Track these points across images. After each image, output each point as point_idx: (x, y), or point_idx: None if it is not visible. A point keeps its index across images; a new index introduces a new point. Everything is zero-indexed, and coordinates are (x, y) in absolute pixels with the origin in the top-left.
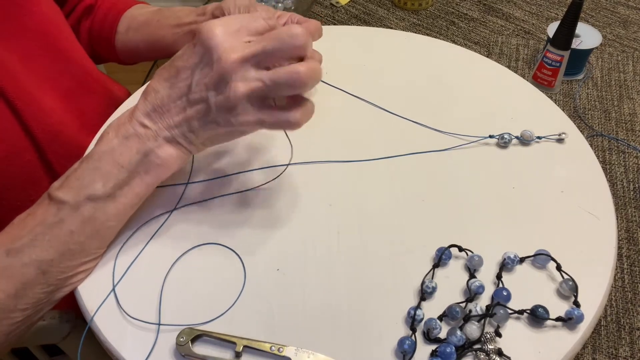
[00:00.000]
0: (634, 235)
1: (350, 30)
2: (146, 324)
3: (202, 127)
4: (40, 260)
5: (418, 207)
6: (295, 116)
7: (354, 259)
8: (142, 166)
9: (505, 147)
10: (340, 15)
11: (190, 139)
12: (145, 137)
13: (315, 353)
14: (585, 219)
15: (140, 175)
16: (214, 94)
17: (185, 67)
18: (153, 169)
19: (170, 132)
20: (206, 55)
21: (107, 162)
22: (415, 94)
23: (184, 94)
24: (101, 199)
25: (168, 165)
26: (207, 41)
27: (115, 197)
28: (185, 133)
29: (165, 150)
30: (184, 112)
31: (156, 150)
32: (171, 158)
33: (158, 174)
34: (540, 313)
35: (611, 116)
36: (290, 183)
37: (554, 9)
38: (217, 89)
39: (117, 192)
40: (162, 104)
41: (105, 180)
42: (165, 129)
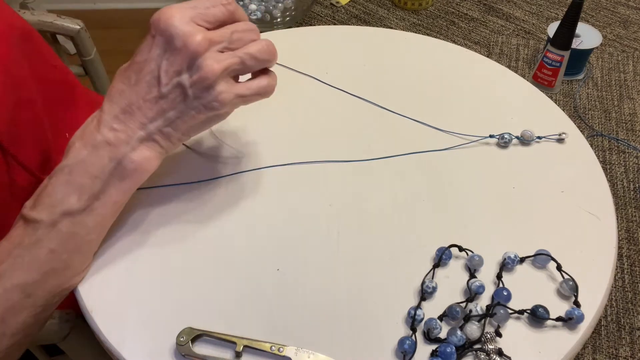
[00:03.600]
0: (634, 235)
1: (350, 30)
2: (146, 324)
3: (179, 117)
4: (23, 283)
5: (418, 207)
6: (269, 81)
7: (354, 259)
8: (116, 174)
9: (505, 147)
10: (340, 15)
11: (168, 133)
12: (116, 143)
13: (315, 353)
14: (585, 219)
15: (115, 183)
16: (187, 76)
17: (148, 60)
18: (128, 175)
19: (144, 131)
20: (169, 44)
21: (79, 174)
22: (415, 94)
23: (153, 87)
24: (78, 213)
25: (144, 168)
26: (167, 29)
27: (92, 209)
28: (161, 128)
29: (139, 153)
30: (157, 105)
31: (130, 155)
32: (146, 160)
33: (134, 179)
34: (541, 313)
35: (611, 116)
36: (290, 183)
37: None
38: (190, 70)
39: (94, 203)
40: (131, 103)
41: (80, 193)
42: (139, 128)
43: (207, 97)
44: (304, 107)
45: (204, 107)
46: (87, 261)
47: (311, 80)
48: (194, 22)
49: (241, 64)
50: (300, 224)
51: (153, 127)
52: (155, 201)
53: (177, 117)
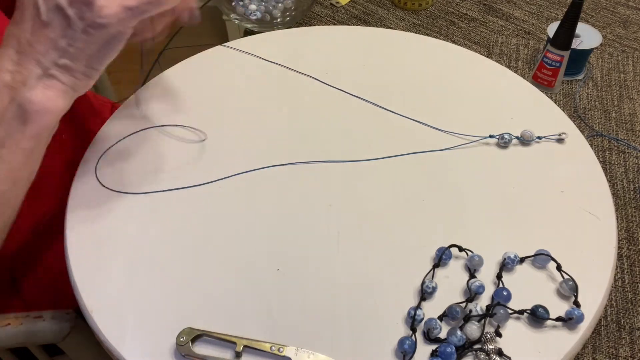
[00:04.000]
0: (634, 235)
1: (350, 30)
2: (146, 324)
3: (71, 44)
4: None
5: (418, 207)
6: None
7: (354, 259)
8: (18, 117)
9: (505, 147)
10: (340, 15)
11: (66, 66)
12: (13, 84)
13: (315, 353)
14: (585, 219)
15: (19, 127)
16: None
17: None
18: (31, 117)
19: (40, 68)
20: None
21: None
22: (415, 94)
23: (36, 17)
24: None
25: (47, 109)
26: None
27: (2, 157)
28: (56, 61)
29: (39, 92)
30: (43, 36)
31: (29, 95)
32: (49, 101)
33: (39, 121)
34: (541, 313)
35: (611, 116)
36: (290, 183)
37: (554, 9)
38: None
39: (1, 151)
40: (21, 42)
41: None
42: (34, 66)
43: (89, 14)
44: (304, 107)
45: (90, 27)
46: (5, 219)
47: (311, 80)
48: None
49: None
50: (300, 224)
51: (48, 62)
52: (155, 202)
53: (69, 45)
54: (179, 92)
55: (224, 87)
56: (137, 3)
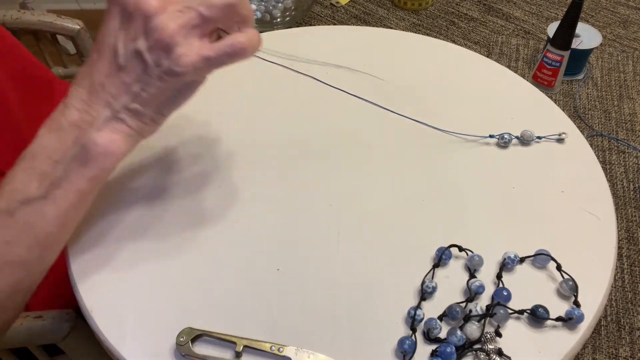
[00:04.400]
0: (634, 235)
1: (350, 30)
2: (146, 324)
3: (144, 89)
4: None
5: (418, 207)
6: (239, 39)
7: (354, 259)
8: (79, 158)
9: (505, 147)
10: (340, 15)
11: (136, 110)
12: (81, 125)
13: (315, 353)
14: (585, 219)
15: (78, 169)
16: (143, 40)
17: (106, 34)
18: (92, 159)
19: (110, 110)
20: (124, 12)
21: (41, 160)
22: (415, 94)
23: (112, 60)
24: (38, 201)
25: (111, 152)
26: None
27: (53, 197)
28: (127, 105)
29: (105, 135)
30: (118, 79)
31: (95, 137)
32: (113, 143)
33: (100, 164)
34: (541, 313)
35: (611, 116)
36: (290, 183)
37: (554, 9)
38: (146, 34)
39: (55, 191)
40: (94, 82)
41: (41, 179)
42: (104, 107)
43: (167, 61)
44: (304, 108)
45: (165, 74)
46: (48, 259)
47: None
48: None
49: (200, 18)
50: (300, 224)
51: (118, 105)
52: (155, 201)
53: (142, 90)
54: None
55: (223, 86)
56: (215, 54)
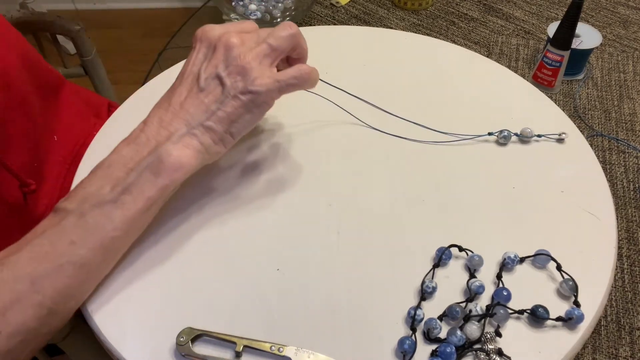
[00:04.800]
0: (634, 235)
1: (350, 30)
2: (146, 324)
3: (220, 108)
4: (34, 274)
5: (418, 207)
6: (304, 67)
7: (354, 259)
8: (152, 167)
9: (504, 145)
10: (340, 15)
11: (209, 127)
12: (159, 139)
13: (315, 353)
14: (585, 219)
15: (150, 177)
16: (224, 67)
17: (190, 65)
18: (165, 170)
19: (187, 127)
20: (209, 47)
21: (117, 168)
22: (415, 94)
23: (194, 84)
24: (108, 205)
25: (182, 165)
26: (208, 36)
27: (123, 202)
28: (204, 123)
29: (179, 149)
30: (197, 99)
31: (170, 149)
32: (186, 157)
33: (172, 175)
34: (541, 313)
35: (611, 116)
36: (290, 183)
37: (554, 9)
38: (226, 61)
39: (126, 197)
40: (174, 103)
41: (114, 185)
42: (182, 124)
43: (243, 82)
44: (303, 108)
45: (241, 94)
46: (106, 265)
47: None
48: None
49: (269, 47)
50: (300, 224)
51: (195, 122)
52: None
53: (218, 109)
54: None
55: None
56: (286, 78)
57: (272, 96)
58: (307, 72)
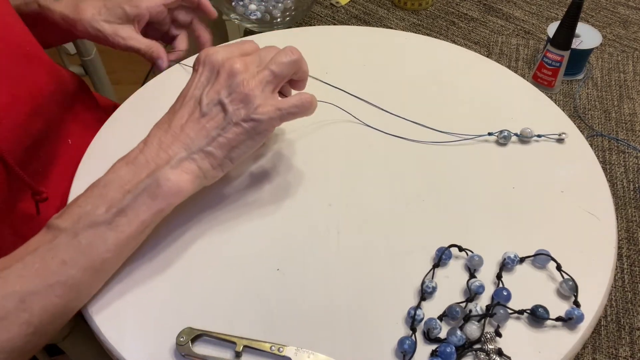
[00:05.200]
0: (634, 235)
1: (350, 30)
2: (146, 324)
3: (220, 134)
4: (22, 292)
5: (418, 207)
6: (305, 95)
7: (354, 259)
8: (149, 190)
9: (504, 145)
10: (340, 15)
11: (209, 152)
12: (157, 161)
13: (315, 353)
14: (585, 219)
15: (146, 200)
16: (227, 93)
17: (192, 88)
18: (162, 194)
19: (186, 152)
20: (212, 71)
21: (113, 188)
22: (415, 94)
23: (195, 108)
24: (102, 226)
25: (180, 190)
26: (209, 58)
27: (117, 225)
28: (204, 148)
29: (178, 174)
30: (199, 124)
31: (168, 173)
32: (183, 182)
33: (168, 200)
34: (541, 313)
35: (611, 116)
36: (290, 183)
37: (554, 9)
38: (229, 88)
39: (121, 219)
40: (174, 126)
41: (109, 206)
42: (181, 148)
43: (246, 110)
44: None
45: (243, 121)
46: (95, 286)
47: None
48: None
49: (272, 74)
50: (300, 224)
51: (195, 147)
52: None
53: (219, 135)
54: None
55: None
56: (287, 107)
57: (273, 124)
58: (308, 101)
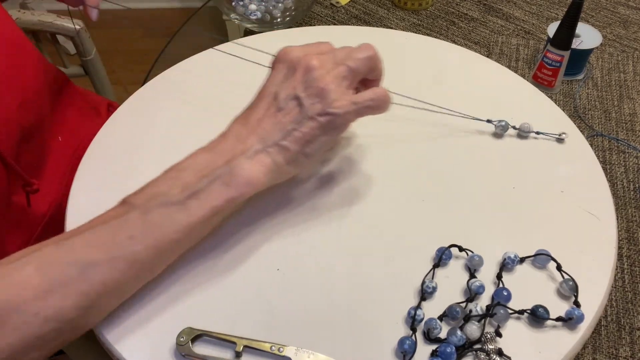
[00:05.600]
0: (634, 235)
1: (350, 30)
2: (146, 324)
3: (296, 128)
4: (87, 263)
5: (418, 207)
6: (379, 90)
7: (354, 258)
8: (224, 177)
9: (501, 137)
10: (340, 15)
11: (284, 147)
12: (234, 150)
13: (315, 353)
14: (585, 219)
15: (219, 187)
16: (303, 88)
17: (270, 85)
18: (236, 182)
19: (262, 144)
20: (289, 68)
21: (189, 172)
22: (415, 93)
23: (272, 103)
24: (174, 206)
25: (253, 180)
26: (288, 57)
27: (188, 207)
28: (279, 141)
29: (252, 164)
30: (275, 118)
31: (243, 163)
32: (257, 173)
33: (241, 189)
34: (541, 313)
35: (611, 116)
36: (290, 182)
37: (554, 9)
38: (305, 84)
39: (193, 202)
40: (251, 120)
41: (183, 188)
42: (257, 142)
43: (322, 104)
44: None
45: (318, 115)
46: (155, 268)
47: None
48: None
49: (348, 69)
50: (300, 224)
51: (271, 140)
52: None
53: (294, 129)
54: (178, 93)
55: (223, 87)
56: (363, 100)
57: (349, 118)
58: (384, 95)
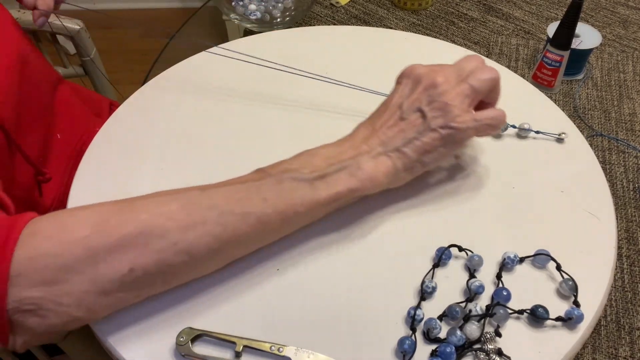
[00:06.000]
0: (634, 235)
1: (350, 30)
2: (146, 324)
3: (417, 138)
4: (225, 210)
5: (418, 206)
6: (501, 111)
7: (354, 258)
8: (350, 169)
9: (501, 137)
10: (340, 15)
11: (404, 153)
12: (359, 149)
13: (315, 353)
14: (585, 219)
15: (345, 175)
16: (427, 101)
17: (396, 97)
18: (360, 175)
19: (384, 148)
20: (416, 82)
21: (319, 158)
22: None
23: (396, 113)
24: (303, 182)
25: (375, 177)
26: (415, 73)
27: (316, 187)
28: (400, 147)
29: (375, 162)
30: (397, 127)
31: (367, 160)
32: (379, 173)
33: (364, 182)
34: (540, 313)
35: (611, 116)
36: None
37: (554, 9)
38: (430, 97)
39: (320, 183)
40: (376, 126)
41: (313, 169)
42: (379, 145)
43: (444, 118)
44: (304, 107)
45: (440, 128)
46: (274, 233)
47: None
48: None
49: (471, 88)
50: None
51: (392, 146)
52: None
53: (415, 138)
54: (178, 93)
55: (224, 87)
56: (483, 118)
57: (469, 134)
58: (503, 116)
